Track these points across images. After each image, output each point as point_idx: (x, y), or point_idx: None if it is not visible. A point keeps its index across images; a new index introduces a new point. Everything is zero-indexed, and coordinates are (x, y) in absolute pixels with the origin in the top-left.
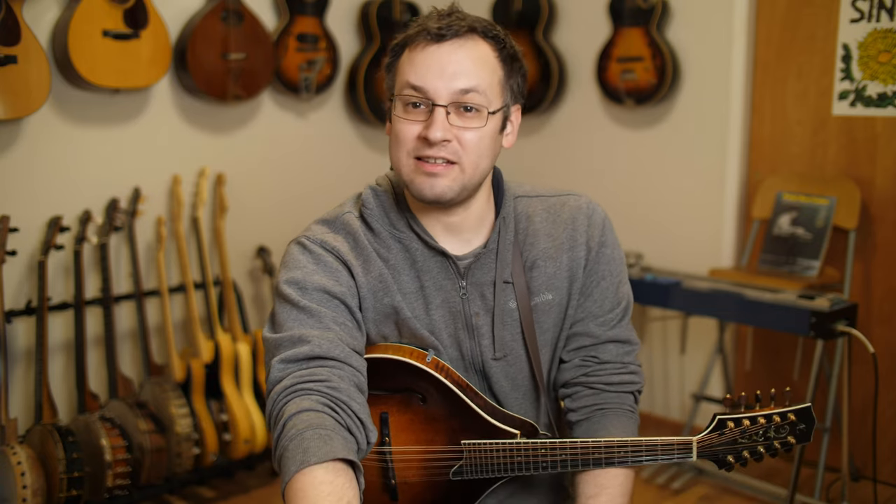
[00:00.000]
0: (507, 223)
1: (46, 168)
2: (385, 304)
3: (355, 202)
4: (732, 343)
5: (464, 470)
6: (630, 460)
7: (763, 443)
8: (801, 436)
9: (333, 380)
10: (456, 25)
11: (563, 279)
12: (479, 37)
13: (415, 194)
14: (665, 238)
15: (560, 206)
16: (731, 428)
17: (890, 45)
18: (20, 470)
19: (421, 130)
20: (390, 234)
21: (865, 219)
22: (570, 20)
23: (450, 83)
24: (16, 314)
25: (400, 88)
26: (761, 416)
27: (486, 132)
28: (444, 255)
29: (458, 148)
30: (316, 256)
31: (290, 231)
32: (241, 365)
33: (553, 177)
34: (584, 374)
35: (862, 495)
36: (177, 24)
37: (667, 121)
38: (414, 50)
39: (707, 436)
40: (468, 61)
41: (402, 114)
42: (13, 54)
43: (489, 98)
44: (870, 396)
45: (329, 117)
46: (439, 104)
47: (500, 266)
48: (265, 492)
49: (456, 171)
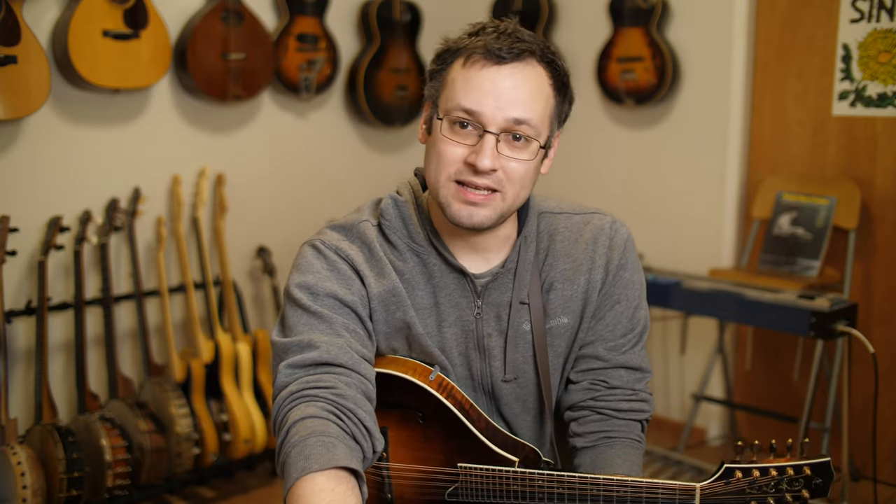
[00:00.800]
0: (528, 242)
1: (46, 168)
2: (397, 318)
3: (373, 210)
4: (732, 343)
5: (459, 493)
6: (629, 501)
7: (774, 495)
8: (816, 490)
9: (340, 387)
10: (517, 47)
11: (578, 302)
12: (536, 61)
13: (451, 219)
14: (665, 238)
15: (584, 224)
16: (738, 478)
17: (890, 45)
18: (20, 470)
19: (468, 155)
20: (408, 248)
21: (865, 219)
22: (570, 20)
23: (505, 111)
24: (16, 314)
25: (450, 108)
26: (773, 468)
27: (533, 165)
28: (462, 272)
29: (502, 177)
30: (330, 262)
31: (291, 231)
32: (241, 365)
33: (553, 177)
34: (593, 398)
35: (862, 495)
36: (177, 24)
37: (667, 121)
38: (471, 68)
39: (712, 484)
40: (525, 90)
41: (450, 134)
42: (13, 54)
43: (539, 131)
44: (870, 396)
45: (329, 117)
46: (491, 131)
47: (518, 286)
48: (265, 492)
49: (497, 200)
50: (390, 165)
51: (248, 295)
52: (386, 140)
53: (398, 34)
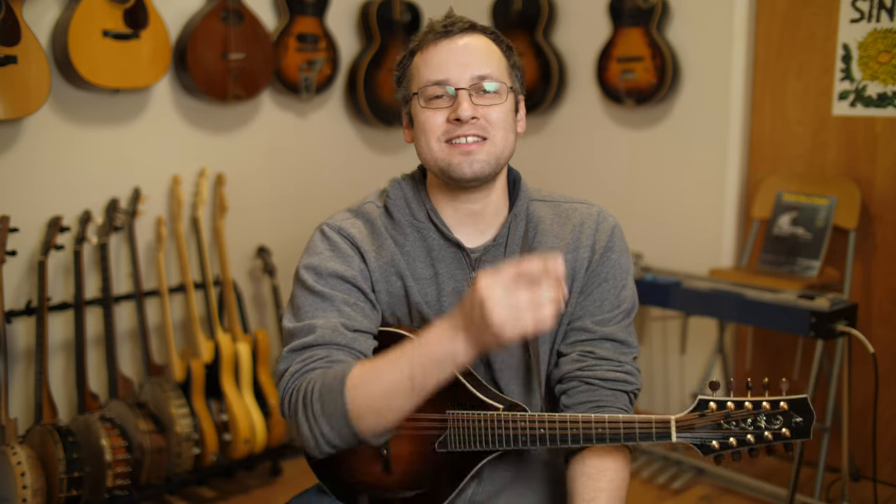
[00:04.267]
0: (517, 220)
1: (46, 168)
2: (397, 287)
3: (379, 195)
4: (732, 343)
5: (448, 441)
6: (609, 437)
7: (753, 431)
8: (797, 430)
9: (333, 355)
10: (459, 23)
11: (565, 277)
12: (479, 33)
13: (455, 175)
14: (665, 238)
15: (571, 211)
16: (713, 409)
17: (890, 45)
18: (20, 470)
19: (449, 115)
20: (409, 223)
21: (865, 219)
22: (570, 20)
23: (467, 70)
24: (16, 314)
25: (421, 86)
26: (748, 401)
27: (507, 108)
28: (459, 246)
29: (485, 124)
30: (333, 244)
31: (290, 231)
32: (241, 365)
33: (553, 177)
34: (580, 368)
35: (862, 495)
36: (177, 24)
37: (667, 121)
38: (425, 51)
39: (687, 415)
40: (479, 52)
41: (427, 105)
42: (13, 54)
43: (503, 79)
44: (870, 396)
45: (329, 117)
46: (462, 87)
47: (508, 259)
48: (265, 492)
49: (488, 146)
50: (390, 165)
51: (248, 295)
52: (386, 140)
53: (398, 34)
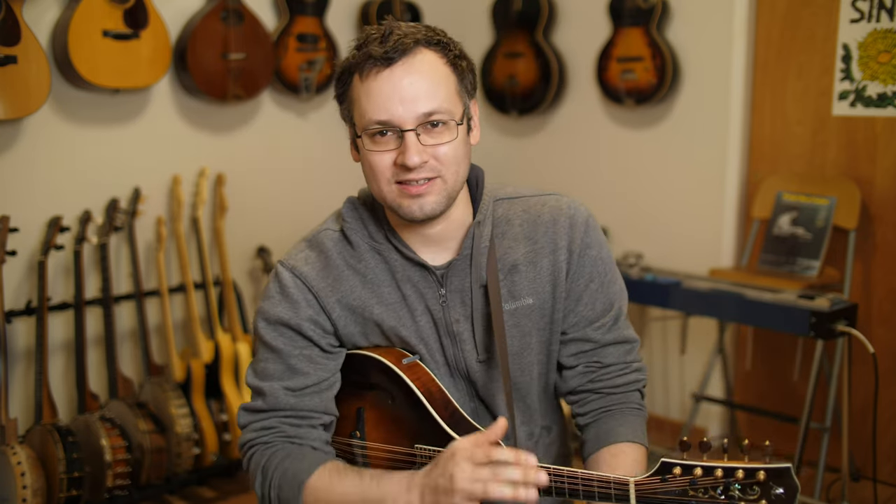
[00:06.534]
0: (482, 227)
1: (46, 168)
2: (365, 317)
3: (336, 218)
4: (732, 343)
5: None
6: (567, 492)
7: (723, 502)
8: (777, 502)
9: (283, 427)
10: (401, 45)
11: (545, 283)
12: (423, 48)
13: (405, 217)
14: (665, 238)
15: (540, 206)
16: (676, 475)
17: (890, 45)
18: (20, 470)
19: (396, 157)
20: (370, 247)
21: (865, 219)
22: (570, 20)
23: (412, 108)
24: (16, 314)
25: (365, 123)
26: (720, 468)
27: (458, 140)
28: (423, 265)
29: (436, 164)
30: (282, 286)
31: (290, 231)
32: (241, 365)
33: (553, 177)
34: (590, 380)
35: (862, 495)
36: (177, 24)
37: (667, 121)
38: (367, 79)
39: (647, 479)
40: (423, 82)
41: (373, 146)
42: (13, 54)
43: (452, 111)
44: (870, 396)
45: (329, 117)
46: (408, 129)
47: (476, 271)
48: None
49: (439, 185)
50: None
51: (248, 295)
52: None
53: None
